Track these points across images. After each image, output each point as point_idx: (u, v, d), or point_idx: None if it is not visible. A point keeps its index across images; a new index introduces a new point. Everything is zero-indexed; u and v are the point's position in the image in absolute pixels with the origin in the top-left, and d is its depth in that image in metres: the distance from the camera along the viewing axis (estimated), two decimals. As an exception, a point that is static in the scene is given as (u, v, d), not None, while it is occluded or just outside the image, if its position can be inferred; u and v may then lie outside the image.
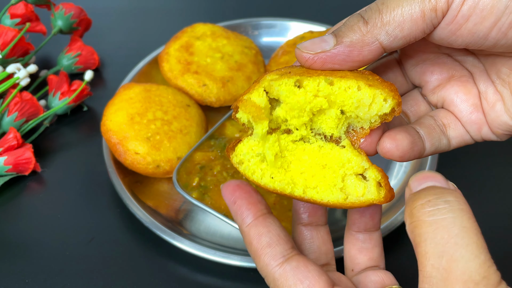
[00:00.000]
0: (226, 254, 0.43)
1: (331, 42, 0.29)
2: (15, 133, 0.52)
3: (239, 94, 0.57)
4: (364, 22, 0.28)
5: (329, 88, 0.29)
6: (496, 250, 0.46)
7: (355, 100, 0.28)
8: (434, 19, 0.27)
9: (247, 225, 0.30)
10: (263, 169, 0.30)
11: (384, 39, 0.28)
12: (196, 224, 0.48)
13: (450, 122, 0.33)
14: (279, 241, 0.29)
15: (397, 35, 0.28)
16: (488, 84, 0.32)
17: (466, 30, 0.28)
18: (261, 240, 0.29)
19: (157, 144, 0.50)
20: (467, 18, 0.27)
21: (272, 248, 0.29)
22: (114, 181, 0.49)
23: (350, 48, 0.28)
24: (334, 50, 0.28)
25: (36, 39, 0.65)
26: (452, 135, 0.33)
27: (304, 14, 0.77)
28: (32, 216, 0.49)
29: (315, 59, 0.29)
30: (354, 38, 0.28)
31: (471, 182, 0.52)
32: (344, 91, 0.29)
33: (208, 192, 0.45)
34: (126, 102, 0.52)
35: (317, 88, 0.29)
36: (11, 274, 0.44)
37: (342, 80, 0.28)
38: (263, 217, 0.30)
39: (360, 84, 0.28)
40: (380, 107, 0.28)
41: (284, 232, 0.30)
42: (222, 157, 0.47)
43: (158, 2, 0.82)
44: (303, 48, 0.29)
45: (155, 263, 0.45)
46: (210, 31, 0.61)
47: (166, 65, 0.58)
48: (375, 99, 0.28)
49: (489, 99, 0.32)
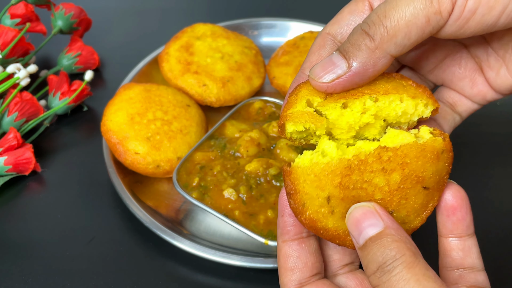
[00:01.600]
0: (226, 254, 0.43)
1: (343, 65, 0.29)
2: (15, 133, 0.52)
3: (239, 94, 0.57)
4: (370, 39, 0.28)
5: (375, 106, 0.29)
6: (496, 250, 0.46)
7: (400, 112, 0.29)
8: (440, 20, 0.27)
9: (282, 240, 0.31)
10: None
11: (394, 50, 0.28)
12: (196, 224, 0.48)
13: (456, 100, 0.34)
14: (303, 268, 0.31)
15: (406, 44, 0.28)
16: (490, 52, 0.32)
17: (474, 22, 0.27)
18: (287, 262, 0.31)
19: (157, 144, 0.50)
20: (474, 12, 0.27)
21: (293, 273, 0.31)
22: (114, 181, 0.49)
23: (363, 68, 0.28)
24: (350, 73, 0.29)
25: (36, 39, 0.65)
26: (461, 110, 0.34)
27: (304, 14, 0.77)
28: (32, 216, 0.49)
29: (334, 87, 0.29)
30: (365, 58, 0.28)
31: (471, 182, 0.52)
32: (389, 105, 0.29)
33: (208, 192, 0.45)
34: (126, 102, 0.52)
35: (364, 107, 0.29)
36: (11, 274, 0.44)
37: (386, 96, 0.29)
38: (300, 240, 0.31)
39: (402, 97, 0.29)
40: (421, 112, 0.30)
41: (313, 259, 0.31)
42: (222, 157, 0.47)
43: (158, 2, 0.82)
44: (317, 78, 0.29)
45: (155, 263, 0.45)
46: (210, 31, 0.61)
47: (166, 65, 0.58)
48: (417, 107, 0.30)
49: (492, 66, 0.32)
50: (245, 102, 0.55)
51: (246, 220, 0.43)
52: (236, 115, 0.53)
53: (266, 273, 0.44)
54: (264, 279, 0.44)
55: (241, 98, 0.57)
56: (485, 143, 0.56)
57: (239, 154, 0.47)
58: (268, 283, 0.43)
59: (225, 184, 0.45)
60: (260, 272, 0.44)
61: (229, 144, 0.48)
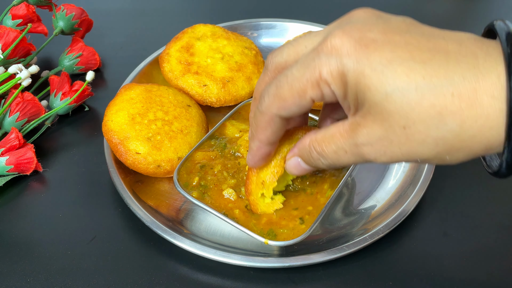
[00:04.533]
0: (226, 253, 0.43)
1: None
2: (17, 133, 0.52)
3: (239, 94, 0.57)
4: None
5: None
6: (497, 250, 0.46)
7: None
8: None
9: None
10: None
11: (280, 113, 0.33)
12: (197, 223, 0.48)
13: None
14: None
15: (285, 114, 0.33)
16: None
17: None
18: None
19: (158, 144, 0.50)
20: None
21: None
22: (115, 181, 0.49)
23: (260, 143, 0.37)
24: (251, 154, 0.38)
25: (37, 40, 0.66)
26: None
27: (304, 15, 0.77)
28: (34, 216, 0.49)
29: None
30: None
31: (471, 182, 0.53)
32: None
33: (208, 192, 0.45)
34: (127, 103, 0.52)
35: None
36: (12, 273, 0.44)
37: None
38: None
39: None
40: None
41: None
42: (222, 156, 0.48)
43: (159, 3, 0.82)
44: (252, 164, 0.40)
45: (156, 262, 0.45)
46: (210, 31, 0.61)
47: (167, 66, 0.58)
48: None
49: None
50: (245, 102, 0.55)
51: (246, 218, 0.43)
52: (236, 115, 0.53)
53: (266, 272, 0.44)
54: (264, 278, 0.44)
55: (242, 98, 0.58)
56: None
57: (239, 154, 0.47)
58: (268, 282, 0.43)
59: (225, 184, 0.45)
60: (261, 271, 0.44)
61: (230, 144, 0.49)
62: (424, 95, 0.27)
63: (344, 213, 0.49)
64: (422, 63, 0.27)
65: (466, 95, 0.26)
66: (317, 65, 0.29)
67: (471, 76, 0.26)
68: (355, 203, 0.50)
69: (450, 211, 0.50)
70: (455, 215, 0.49)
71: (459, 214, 0.49)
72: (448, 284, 0.43)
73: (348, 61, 0.28)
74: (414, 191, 0.48)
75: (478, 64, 0.27)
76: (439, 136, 0.27)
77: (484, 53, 0.27)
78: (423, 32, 0.29)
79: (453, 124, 0.27)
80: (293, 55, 0.34)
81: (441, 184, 0.51)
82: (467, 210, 0.50)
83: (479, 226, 0.48)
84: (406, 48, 0.28)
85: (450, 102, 0.26)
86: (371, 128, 0.29)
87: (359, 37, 0.29)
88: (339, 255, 0.43)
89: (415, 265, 0.45)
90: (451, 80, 0.26)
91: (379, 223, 0.46)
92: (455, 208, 0.50)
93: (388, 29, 0.29)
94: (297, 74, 0.31)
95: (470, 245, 0.47)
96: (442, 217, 0.49)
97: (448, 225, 0.48)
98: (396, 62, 0.27)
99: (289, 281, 0.43)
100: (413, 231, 0.48)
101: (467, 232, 0.48)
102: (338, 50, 0.29)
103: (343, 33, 0.29)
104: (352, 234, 0.46)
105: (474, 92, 0.26)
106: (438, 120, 0.27)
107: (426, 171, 0.50)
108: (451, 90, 0.26)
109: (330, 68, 0.29)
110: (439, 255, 0.46)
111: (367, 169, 0.52)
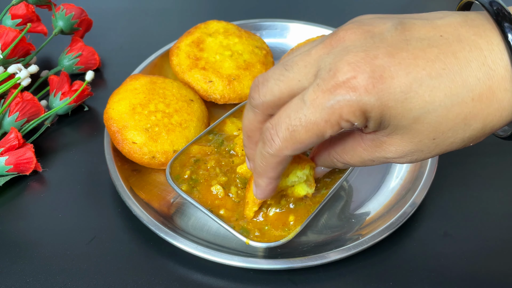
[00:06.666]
0: (227, 255, 0.43)
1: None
2: (16, 133, 0.52)
3: (244, 92, 0.57)
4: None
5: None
6: (497, 250, 0.46)
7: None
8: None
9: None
10: None
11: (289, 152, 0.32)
12: (185, 218, 0.47)
13: None
14: None
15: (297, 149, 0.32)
16: None
17: None
18: None
19: (155, 135, 0.50)
20: None
21: None
22: (110, 168, 0.49)
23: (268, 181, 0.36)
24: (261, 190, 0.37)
25: (37, 40, 0.65)
26: None
27: (304, 16, 0.77)
28: (33, 216, 0.49)
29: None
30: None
31: (471, 182, 0.52)
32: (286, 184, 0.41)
33: (198, 186, 0.45)
34: (130, 92, 0.53)
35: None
36: (12, 274, 0.44)
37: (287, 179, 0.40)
38: None
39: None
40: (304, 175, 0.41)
41: None
42: (217, 152, 0.47)
43: (159, 3, 0.82)
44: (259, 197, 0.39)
45: (156, 263, 0.45)
46: (223, 28, 0.62)
47: (176, 59, 0.59)
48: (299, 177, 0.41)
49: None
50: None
51: (233, 216, 0.43)
52: (238, 113, 0.53)
53: (266, 272, 0.44)
54: (264, 279, 0.44)
55: (246, 97, 0.58)
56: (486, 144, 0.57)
57: (234, 152, 0.47)
58: (268, 283, 0.43)
59: (215, 180, 0.45)
60: (261, 272, 0.44)
61: (227, 141, 0.48)
62: (449, 109, 0.28)
63: (345, 215, 0.48)
64: (439, 77, 0.28)
65: (484, 96, 0.28)
66: (335, 107, 0.28)
67: (483, 75, 0.28)
68: (356, 205, 0.49)
69: (450, 211, 0.49)
70: (455, 215, 0.49)
71: (459, 214, 0.49)
72: (448, 284, 0.43)
73: (369, 98, 0.28)
74: (415, 193, 0.48)
75: (486, 59, 0.28)
76: (466, 136, 0.30)
77: (485, 41, 0.28)
78: (420, 36, 0.29)
79: (477, 124, 0.29)
80: (287, 92, 0.31)
81: (441, 184, 0.51)
82: (467, 210, 0.50)
83: (479, 226, 0.48)
84: (417, 65, 0.28)
85: (472, 107, 0.28)
86: (399, 146, 0.31)
87: (370, 70, 0.28)
88: (340, 257, 0.43)
89: (416, 265, 0.45)
90: (468, 85, 0.28)
91: (380, 225, 0.45)
92: (455, 208, 0.50)
93: (391, 48, 0.28)
94: (312, 117, 0.29)
95: (470, 245, 0.46)
96: (442, 217, 0.49)
97: (449, 226, 0.48)
98: (416, 85, 0.28)
99: (289, 281, 0.43)
100: (414, 232, 0.47)
101: (467, 232, 0.48)
102: (355, 88, 0.28)
103: (351, 66, 0.28)
104: (353, 235, 0.46)
105: (490, 91, 0.28)
106: (463, 124, 0.29)
107: (427, 174, 0.49)
108: (470, 95, 0.28)
109: (351, 109, 0.28)
110: (440, 255, 0.46)
111: (367, 172, 0.52)
